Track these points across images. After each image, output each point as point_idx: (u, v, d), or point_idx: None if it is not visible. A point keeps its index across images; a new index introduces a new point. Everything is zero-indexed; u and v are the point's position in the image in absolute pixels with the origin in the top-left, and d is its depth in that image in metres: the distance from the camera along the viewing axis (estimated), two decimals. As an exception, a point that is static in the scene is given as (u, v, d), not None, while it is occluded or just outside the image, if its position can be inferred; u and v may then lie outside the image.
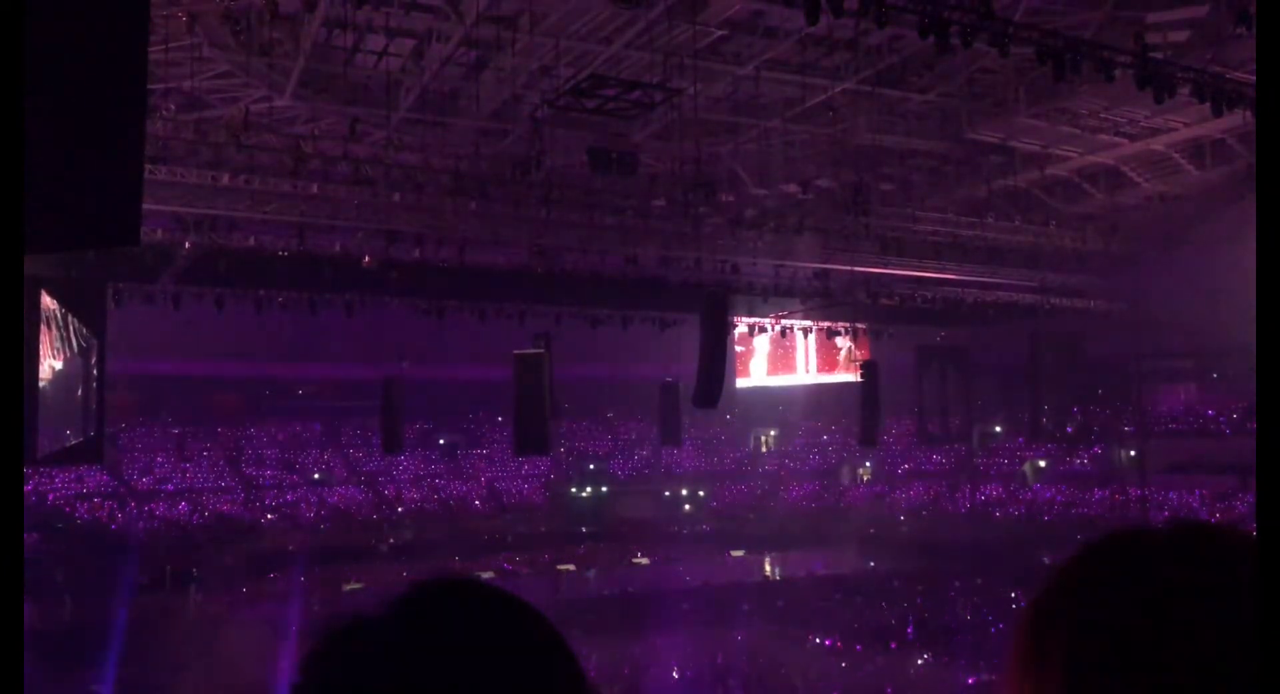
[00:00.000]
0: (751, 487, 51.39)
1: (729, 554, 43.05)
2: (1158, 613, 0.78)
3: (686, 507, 50.50)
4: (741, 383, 52.94)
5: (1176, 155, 29.00)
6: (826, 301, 34.49)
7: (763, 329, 39.52)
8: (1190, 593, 0.78)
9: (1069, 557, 0.89)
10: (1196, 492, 36.62)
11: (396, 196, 24.80)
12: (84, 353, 22.30)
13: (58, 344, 22.47)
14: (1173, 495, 37.16)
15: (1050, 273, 34.75)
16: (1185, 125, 26.50)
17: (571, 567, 40.51)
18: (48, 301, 21.78)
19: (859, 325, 38.15)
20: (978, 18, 16.12)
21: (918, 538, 39.16)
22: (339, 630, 0.91)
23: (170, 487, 45.60)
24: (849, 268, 29.94)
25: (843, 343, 39.28)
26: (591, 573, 39.38)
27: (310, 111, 25.13)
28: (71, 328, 22.18)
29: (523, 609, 0.91)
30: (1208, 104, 18.90)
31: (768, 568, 37.80)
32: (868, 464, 49.49)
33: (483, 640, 0.86)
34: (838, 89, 25.04)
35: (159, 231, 24.19)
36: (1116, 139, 28.01)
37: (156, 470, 46.96)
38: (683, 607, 31.43)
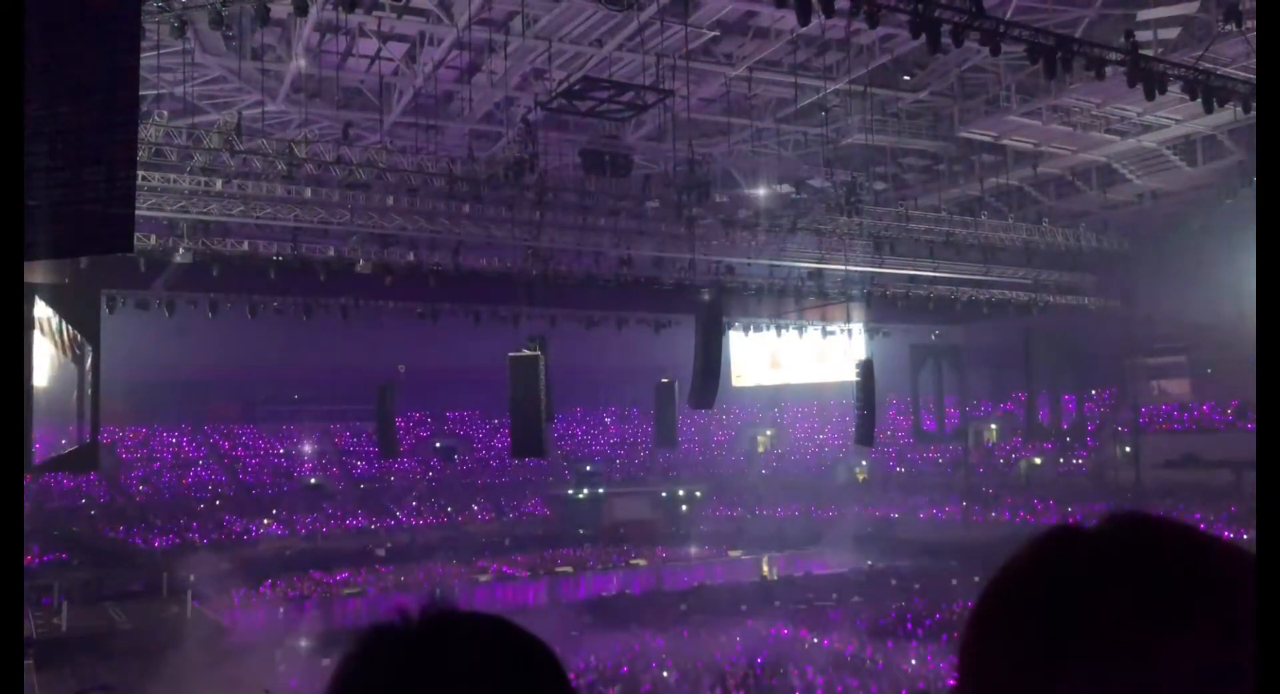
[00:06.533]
0: (748, 486, 51.39)
1: (726, 554, 43.06)
2: (1089, 596, 0.86)
3: (684, 507, 50.48)
4: (737, 383, 53.01)
5: (1168, 152, 29.09)
6: (821, 301, 34.53)
7: (758, 329, 39.55)
8: (1119, 579, 0.86)
9: (1017, 550, 0.95)
10: (1191, 487, 36.64)
11: (390, 200, 24.79)
12: (78, 360, 22.22)
13: (52, 351, 22.40)
14: (1167, 491, 37.17)
15: (1043, 270, 34.83)
16: (1176, 122, 26.58)
17: (570, 569, 40.49)
18: (42, 308, 21.71)
19: (854, 324, 38.18)
20: (969, 16, 16.17)
21: (914, 536, 39.19)
22: (369, 644, 0.97)
23: (166, 493, 45.52)
24: (843, 267, 30.00)
25: (838, 342, 39.29)
26: (590, 575, 39.33)
27: (303, 116, 25.13)
28: (65, 334, 22.09)
29: (521, 632, 1.02)
30: (1198, 100, 18.95)
31: (765, 567, 37.76)
32: (864, 462, 49.46)
33: (496, 659, 0.97)
34: (830, 89, 25.11)
35: (152, 238, 24.13)
36: (1108, 136, 28.08)
37: (152, 477, 46.87)
38: (681, 607, 31.43)
